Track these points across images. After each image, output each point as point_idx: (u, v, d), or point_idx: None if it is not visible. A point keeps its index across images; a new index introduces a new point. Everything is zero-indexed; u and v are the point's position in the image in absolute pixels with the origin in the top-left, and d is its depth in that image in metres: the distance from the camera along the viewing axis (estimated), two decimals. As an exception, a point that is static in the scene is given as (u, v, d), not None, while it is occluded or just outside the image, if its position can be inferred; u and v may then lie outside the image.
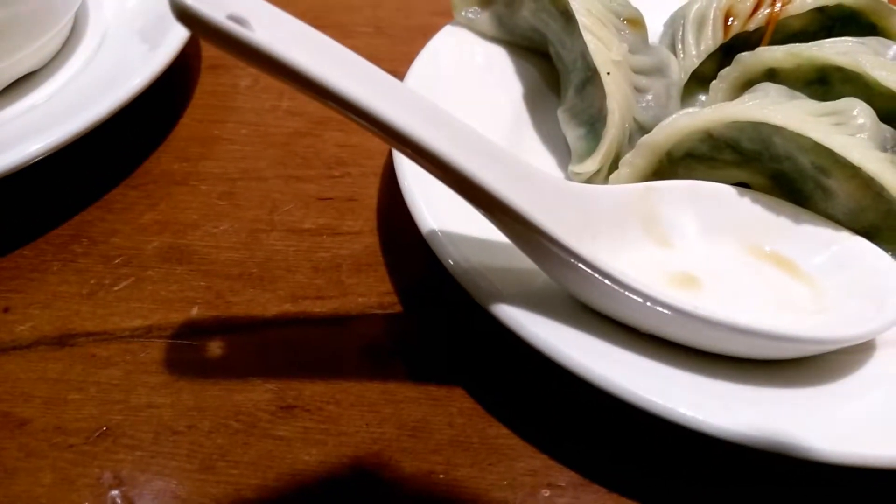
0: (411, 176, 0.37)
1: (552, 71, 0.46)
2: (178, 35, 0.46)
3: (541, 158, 0.44)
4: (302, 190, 0.44)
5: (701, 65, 0.45)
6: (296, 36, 0.28)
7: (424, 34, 0.47)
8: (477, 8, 0.47)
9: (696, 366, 0.32)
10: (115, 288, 0.39)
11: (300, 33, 0.28)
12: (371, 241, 0.41)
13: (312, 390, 0.35)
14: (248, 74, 0.52)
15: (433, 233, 0.35)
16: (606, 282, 0.31)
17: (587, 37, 0.40)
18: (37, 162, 0.39)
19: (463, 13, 0.47)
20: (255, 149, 0.47)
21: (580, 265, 0.31)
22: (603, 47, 0.40)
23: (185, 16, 0.25)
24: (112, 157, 0.46)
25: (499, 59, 0.47)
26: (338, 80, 0.27)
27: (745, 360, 0.32)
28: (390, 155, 0.43)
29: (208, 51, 0.54)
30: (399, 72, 0.43)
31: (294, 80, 0.26)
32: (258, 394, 0.34)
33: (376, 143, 0.46)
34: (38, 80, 0.48)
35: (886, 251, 0.36)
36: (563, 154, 0.43)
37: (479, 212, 0.31)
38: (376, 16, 0.57)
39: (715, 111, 0.38)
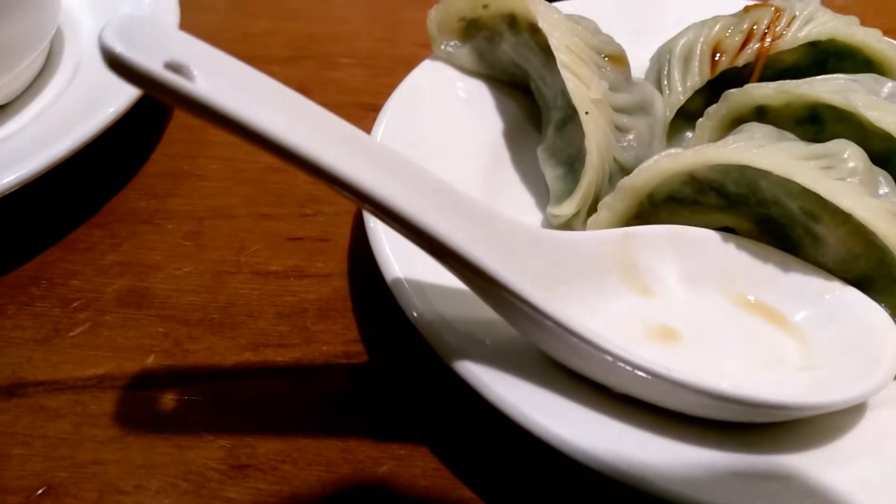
0: (377, 222, 0.35)
1: (533, 107, 0.45)
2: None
3: (519, 198, 0.42)
4: (271, 229, 0.43)
5: (688, 102, 0.43)
6: (243, 85, 0.26)
7: (408, 66, 0.46)
8: (457, 42, 0.45)
9: (673, 430, 0.30)
10: (71, 334, 0.37)
11: (248, 81, 0.27)
12: (340, 284, 0.40)
13: (267, 447, 0.33)
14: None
15: (398, 281, 0.33)
16: (573, 339, 0.29)
17: (566, 75, 0.38)
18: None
19: (443, 46, 0.45)
20: (226, 185, 0.45)
21: (545, 321, 0.29)
22: (582, 86, 0.38)
23: (117, 65, 0.23)
24: (79, 194, 0.44)
25: (479, 94, 0.45)
26: (286, 132, 0.25)
27: (726, 423, 0.30)
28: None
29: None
30: (381, 105, 0.42)
31: (239, 133, 0.25)
32: (210, 451, 0.33)
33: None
34: (10, 111, 0.47)
35: (879, 302, 0.34)
36: (543, 194, 0.42)
37: (439, 263, 0.29)
38: (360, 46, 0.56)
39: (697, 153, 0.36)
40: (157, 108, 0.51)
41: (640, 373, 0.28)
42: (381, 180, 0.27)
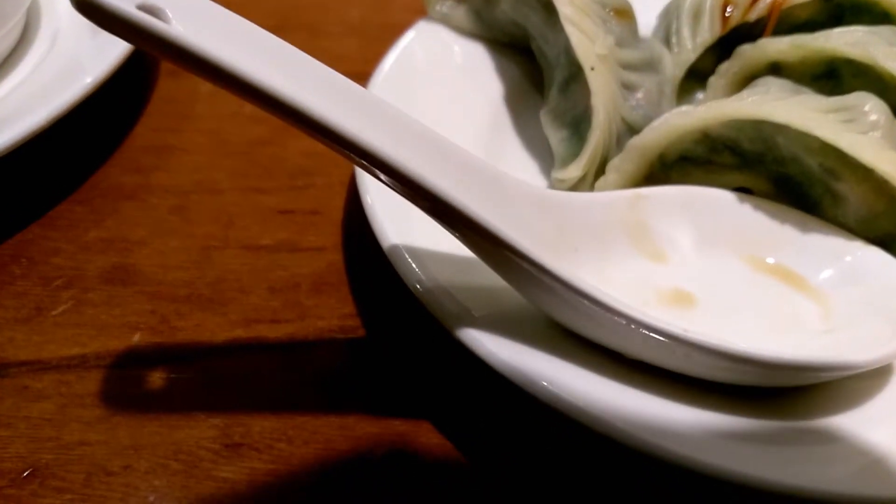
0: (373, 186, 0.33)
1: (535, 69, 0.43)
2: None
3: (523, 164, 0.40)
4: (261, 203, 0.41)
5: (698, 60, 0.41)
6: (223, 28, 0.24)
7: (400, 32, 0.44)
8: (452, 2, 0.43)
9: (689, 396, 0.28)
10: (54, 312, 0.35)
11: (228, 25, 0.25)
12: (334, 257, 0.38)
13: (262, 426, 0.31)
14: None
15: (394, 248, 0.31)
16: (585, 302, 0.27)
17: (569, 29, 0.36)
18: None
19: (437, 7, 0.43)
20: (213, 159, 0.43)
21: (555, 284, 0.27)
22: (586, 40, 0.36)
23: (87, 6, 0.22)
24: (60, 170, 0.43)
25: (476, 57, 0.43)
26: (272, 78, 0.23)
27: (744, 388, 0.28)
28: (358, 162, 0.39)
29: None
30: (371, 73, 0.40)
31: (221, 80, 0.23)
32: (201, 430, 0.31)
33: (344, 151, 0.42)
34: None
35: (903, 262, 0.32)
36: (547, 159, 0.40)
37: (442, 226, 0.28)
38: (348, 14, 0.54)
39: (711, 109, 0.34)
40: (140, 81, 0.49)
41: (655, 335, 0.27)
42: (381, 136, 0.25)
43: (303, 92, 0.24)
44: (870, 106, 0.33)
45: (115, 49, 0.43)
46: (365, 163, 0.25)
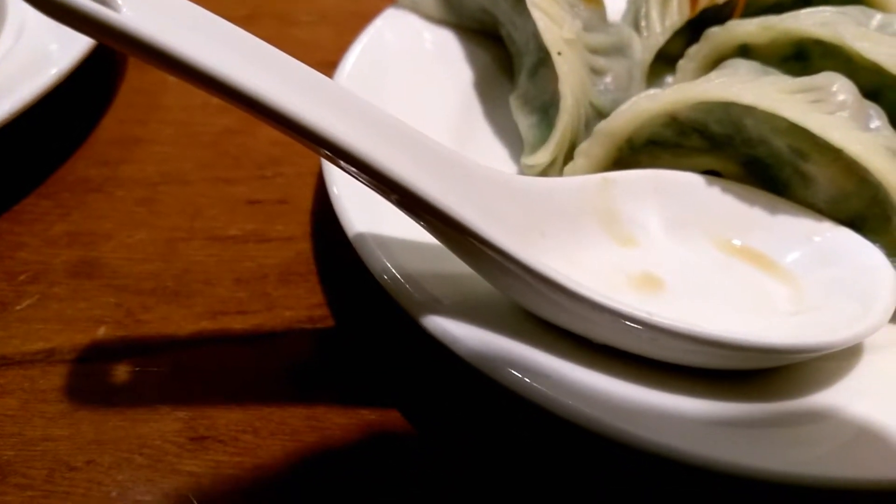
0: (340, 177, 0.33)
1: (504, 55, 0.43)
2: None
3: (492, 151, 0.40)
4: (229, 193, 0.40)
5: (667, 43, 0.41)
6: (176, 17, 0.24)
7: (373, 21, 0.43)
8: (421, -11, 0.43)
9: (659, 381, 0.27)
10: (18, 307, 0.35)
11: (182, 13, 0.24)
12: (303, 247, 0.37)
13: (228, 418, 0.31)
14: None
15: (360, 237, 0.31)
16: (549, 288, 0.27)
17: (535, 14, 0.36)
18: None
19: (407, -6, 0.43)
20: (181, 149, 0.43)
21: (519, 271, 0.27)
22: (553, 25, 0.36)
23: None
24: (25, 164, 0.42)
25: (446, 44, 0.43)
26: (226, 66, 0.23)
27: (712, 372, 0.28)
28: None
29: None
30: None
31: (173, 68, 0.23)
32: (166, 423, 0.30)
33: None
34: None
35: (874, 242, 0.32)
36: (516, 145, 0.40)
37: (408, 215, 0.27)
38: (320, 2, 0.53)
39: (678, 92, 0.34)
40: (108, 72, 0.48)
41: (620, 320, 0.26)
42: (342, 124, 0.24)
43: (259, 80, 0.23)
44: (837, 86, 0.32)
45: (81, 41, 0.42)
46: (327, 153, 0.25)
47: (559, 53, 0.35)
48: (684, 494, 0.29)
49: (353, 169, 0.25)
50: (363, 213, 0.32)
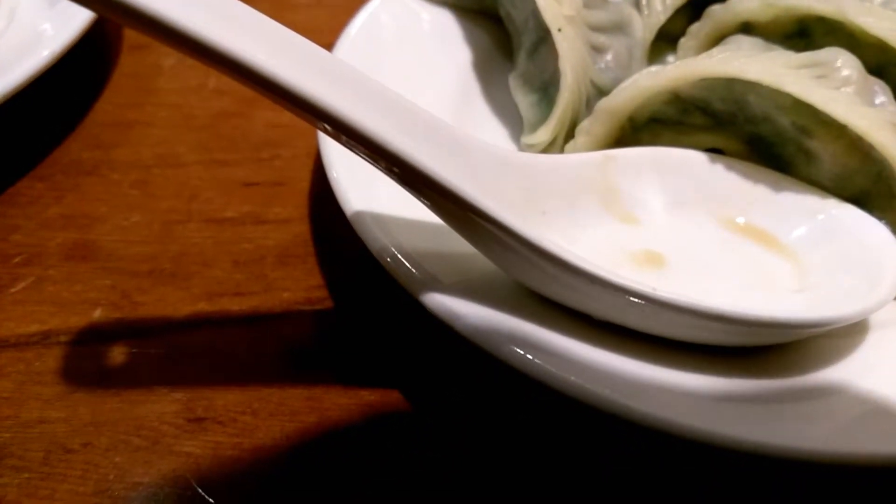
0: (338, 160, 0.32)
1: (503, 35, 0.42)
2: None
3: (492, 131, 0.39)
4: (225, 175, 0.40)
5: (668, 22, 0.40)
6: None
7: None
8: (419, -32, 0.42)
9: (663, 358, 0.27)
10: (13, 290, 0.35)
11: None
12: (300, 229, 0.37)
13: (226, 399, 0.30)
14: (172, 53, 0.47)
15: (358, 215, 0.30)
16: (552, 264, 0.26)
17: (535, -10, 0.35)
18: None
19: (404, -26, 0.42)
20: (176, 132, 0.42)
21: (521, 246, 0.26)
22: (553, 2, 0.35)
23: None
24: (19, 147, 0.42)
25: (444, 24, 0.42)
26: (223, 36, 0.22)
27: (717, 349, 0.28)
28: (324, 133, 0.38)
29: (131, 30, 0.49)
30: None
31: (168, 36, 0.22)
32: (164, 405, 0.30)
33: (311, 122, 0.41)
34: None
35: (878, 219, 0.31)
36: (516, 125, 0.39)
37: (406, 189, 0.27)
38: (316, -16, 0.53)
39: (680, 68, 0.33)
40: (102, 56, 0.48)
41: (623, 295, 0.26)
42: (341, 97, 0.24)
43: (255, 50, 0.23)
44: (842, 61, 0.32)
45: (74, 23, 0.41)
46: (327, 126, 0.24)
47: (559, 30, 0.35)
48: (688, 473, 0.28)
49: (352, 142, 0.25)
50: (361, 193, 0.31)
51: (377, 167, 0.26)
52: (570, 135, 0.36)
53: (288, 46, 0.24)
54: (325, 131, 0.25)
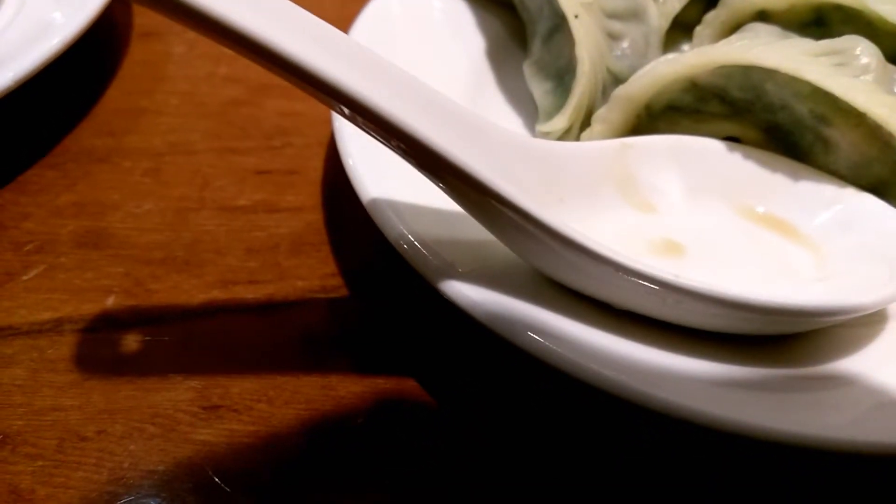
0: (351, 140, 0.32)
1: (516, 22, 0.42)
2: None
3: (505, 119, 0.39)
4: (237, 163, 0.40)
5: (684, 10, 0.40)
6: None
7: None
8: (431, -44, 0.42)
9: (682, 346, 0.27)
10: (25, 277, 0.34)
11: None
12: (314, 217, 0.37)
13: (241, 387, 0.30)
14: (182, 41, 0.47)
15: (375, 202, 0.30)
16: (572, 250, 0.26)
17: (551, -23, 0.35)
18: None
19: (416, -38, 0.42)
20: (187, 120, 0.42)
21: (541, 232, 0.26)
22: (569, -12, 0.35)
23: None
24: (30, 135, 0.41)
25: (457, 12, 0.42)
26: (249, 19, 0.22)
27: (736, 338, 0.28)
28: (337, 121, 0.38)
29: (141, 18, 0.49)
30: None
31: (188, 17, 0.22)
32: (179, 392, 0.30)
33: (322, 111, 0.41)
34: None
35: (897, 208, 0.31)
36: (531, 114, 0.39)
37: (425, 175, 0.27)
38: (326, -27, 0.52)
39: (698, 55, 0.33)
40: (113, 44, 0.47)
41: (645, 283, 0.26)
42: (361, 79, 0.24)
43: (274, 30, 0.23)
44: (861, 49, 0.32)
45: (84, 11, 0.41)
46: (345, 108, 0.24)
47: (576, 17, 0.35)
48: (703, 462, 0.28)
49: (370, 124, 0.25)
50: (377, 182, 0.31)
51: (395, 151, 0.26)
52: (586, 123, 0.35)
53: (308, 28, 0.24)
54: (343, 114, 0.25)
